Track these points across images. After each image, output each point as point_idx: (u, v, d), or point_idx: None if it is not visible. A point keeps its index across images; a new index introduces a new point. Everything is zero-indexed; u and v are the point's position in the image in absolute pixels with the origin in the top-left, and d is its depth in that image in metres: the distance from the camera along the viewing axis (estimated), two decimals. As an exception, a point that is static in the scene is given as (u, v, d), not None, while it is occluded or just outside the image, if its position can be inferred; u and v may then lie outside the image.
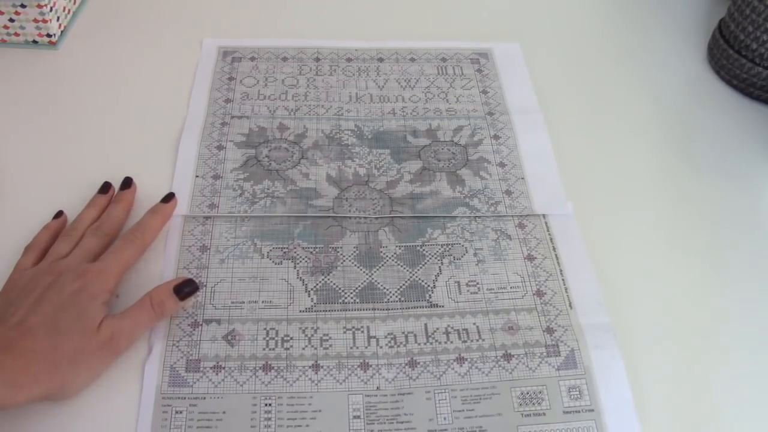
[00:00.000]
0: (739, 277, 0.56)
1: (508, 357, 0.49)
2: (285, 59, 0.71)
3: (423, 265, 0.54)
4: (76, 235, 0.51)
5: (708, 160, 0.64)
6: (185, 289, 0.48)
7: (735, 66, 0.70)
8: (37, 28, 0.68)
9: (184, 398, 0.45)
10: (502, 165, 0.62)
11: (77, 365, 0.43)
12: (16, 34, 0.68)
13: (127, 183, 0.56)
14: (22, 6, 0.66)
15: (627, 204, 0.60)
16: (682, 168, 0.63)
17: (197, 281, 0.50)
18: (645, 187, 0.62)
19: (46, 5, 0.66)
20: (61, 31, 0.71)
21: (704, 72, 0.74)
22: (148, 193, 0.57)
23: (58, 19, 0.69)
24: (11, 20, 0.67)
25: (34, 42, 0.69)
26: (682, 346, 0.51)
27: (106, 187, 0.56)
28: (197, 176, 0.59)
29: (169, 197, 0.55)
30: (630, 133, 0.66)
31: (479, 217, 0.57)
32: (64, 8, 0.71)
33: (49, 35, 0.69)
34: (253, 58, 0.71)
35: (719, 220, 0.59)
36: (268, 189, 0.58)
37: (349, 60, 0.71)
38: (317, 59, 0.71)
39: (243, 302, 0.51)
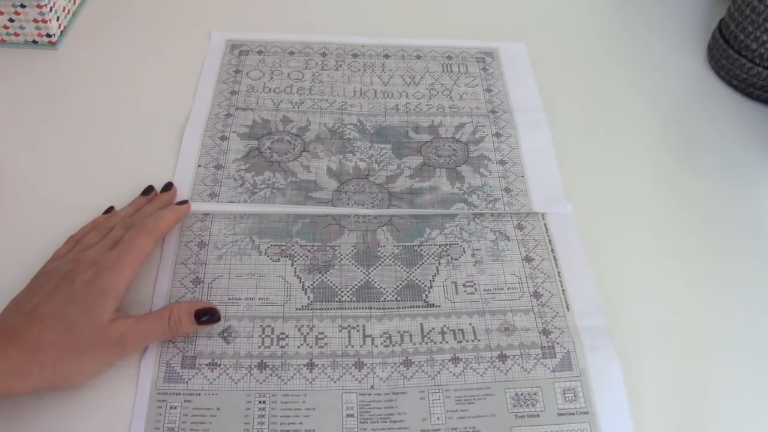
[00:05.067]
0: (737, 279, 0.53)
1: (503, 358, 0.46)
2: (292, 53, 0.68)
3: (420, 265, 0.51)
4: (108, 227, 0.49)
5: (708, 161, 0.62)
6: (205, 316, 0.45)
7: (735, 66, 0.67)
8: (37, 28, 0.65)
9: (179, 394, 0.44)
10: (502, 162, 0.59)
11: (81, 358, 0.41)
12: (16, 34, 0.66)
13: (168, 187, 0.54)
14: (22, 6, 0.63)
15: (626, 205, 0.58)
16: (681, 168, 0.61)
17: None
18: (644, 188, 0.59)
19: (45, 5, 0.63)
20: (61, 31, 0.68)
21: (704, 72, 0.71)
22: (150, 182, 0.55)
23: (57, 19, 0.66)
24: (11, 20, 0.64)
25: (34, 42, 0.66)
26: (679, 349, 0.49)
27: (148, 190, 0.53)
28: (199, 166, 0.57)
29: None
30: (630, 133, 0.64)
31: (478, 216, 0.54)
32: (64, 8, 0.68)
33: (48, 35, 0.66)
34: (260, 52, 0.68)
35: (718, 220, 0.57)
36: (268, 180, 0.56)
37: (355, 56, 0.68)
38: (324, 54, 0.68)
39: (239, 299, 0.48)
